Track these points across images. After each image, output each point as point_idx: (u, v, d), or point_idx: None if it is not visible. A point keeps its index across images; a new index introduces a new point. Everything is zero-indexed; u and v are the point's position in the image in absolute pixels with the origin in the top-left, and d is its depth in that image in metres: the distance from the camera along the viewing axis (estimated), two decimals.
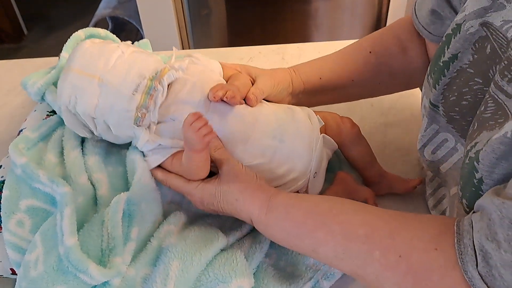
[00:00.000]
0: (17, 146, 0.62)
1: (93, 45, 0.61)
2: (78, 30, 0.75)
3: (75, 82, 0.59)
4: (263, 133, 0.61)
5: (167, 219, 0.60)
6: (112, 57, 0.59)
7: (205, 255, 0.55)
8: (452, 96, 0.54)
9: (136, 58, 0.61)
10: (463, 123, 0.54)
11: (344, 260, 0.48)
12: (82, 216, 0.58)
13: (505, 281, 0.38)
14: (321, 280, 0.58)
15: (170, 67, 0.61)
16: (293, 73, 0.70)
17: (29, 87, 0.71)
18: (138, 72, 0.59)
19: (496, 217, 0.39)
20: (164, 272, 0.53)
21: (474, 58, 0.51)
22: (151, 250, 0.57)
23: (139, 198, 0.58)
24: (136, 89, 0.58)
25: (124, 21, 2.13)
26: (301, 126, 0.64)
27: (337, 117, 0.69)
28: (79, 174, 0.61)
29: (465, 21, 0.51)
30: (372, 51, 0.71)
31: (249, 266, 0.57)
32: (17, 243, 0.57)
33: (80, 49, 0.61)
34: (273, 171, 0.61)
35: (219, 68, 0.68)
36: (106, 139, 0.63)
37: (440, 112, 0.57)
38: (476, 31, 0.50)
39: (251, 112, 0.62)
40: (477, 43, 0.50)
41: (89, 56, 0.60)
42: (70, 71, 0.60)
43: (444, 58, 0.54)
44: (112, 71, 0.59)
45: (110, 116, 0.59)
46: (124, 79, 0.58)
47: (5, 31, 2.61)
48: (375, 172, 0.70)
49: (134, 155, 0.62)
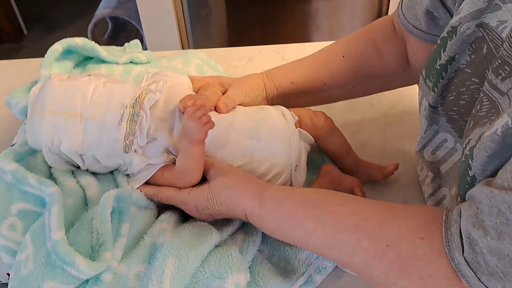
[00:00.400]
0: (7, 156, 0.62)
1: (63, 82, 0.61)
2: (55, 43, 0.74)
3: (55, 123, 0.58)
4: (239, 135, 0.63)
5: (159, 218, 0.60)
6: (88, 91, 0.59)
7: (200, 251, 0.55)
8: (451, 96, 0.55)
9: (113, 88, 0.61)
10: (461, 123, 0.55)
11: (333, 249, 0.49)
12: (73, 217, 0.58)
13: (490, 267, 0.40)
14: (314, 274, 0.59)
15: (147, 91, 0.62)
16: (265, 78, 0.71)
17: (13, 106, 0.72)
18: (118, 101, 0.59)
19: (485, 205, 0.40)
20: (160, 269, 0.54)
21: (471, 58, 0.52)
22: (144, 247, 0.57)
23: (129, 195, 0.59)
24: (121, 119, 0.59)
25: (124, 21, 2.13)
26: (275, 123, 0.66)
27: (311, 112, 0.72)
28: (66, 179, 0.61)
29: (461, 23, 0.51)
30: (345, 55, 0.72)
31: (244, 260, 0.58)
32: (10, 246, 0.57)
33: (49, 88, 0.60)
34: (255, 171, 0.63)
35: (188, 81, 0.69)
36: (93, 171, 0.63)
37: (439, 112, 0.57)
38: (473, 32, 0.51)
39: (225, 117, 0.64)
40: (473, 43, 0.51)
41: (63, 94, 0.59)
42: (45, 113, 0.59)
43: (440, 61, 0.55)
44: (93, 105, 0.59)
45: (98, 149, 0.59)
46: (106, 111, 0.59)
47: (5, 31, 2.61)
48: (351, 161, 0.72)
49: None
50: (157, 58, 0.86)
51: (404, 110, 0.88)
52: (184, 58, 0.87)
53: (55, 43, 0.75)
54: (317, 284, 0.59)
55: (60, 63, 0.77)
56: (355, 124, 0.85)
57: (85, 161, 0.61)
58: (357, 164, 0.72)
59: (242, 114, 0.66)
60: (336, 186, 0.67)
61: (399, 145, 0.80)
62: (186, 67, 0.86)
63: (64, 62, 0.78)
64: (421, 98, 0.63)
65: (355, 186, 0.67)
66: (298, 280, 0.58)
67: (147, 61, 0.84)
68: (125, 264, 0.55)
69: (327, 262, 0.59)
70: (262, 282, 0.57)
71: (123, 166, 0.62)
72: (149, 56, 0.84)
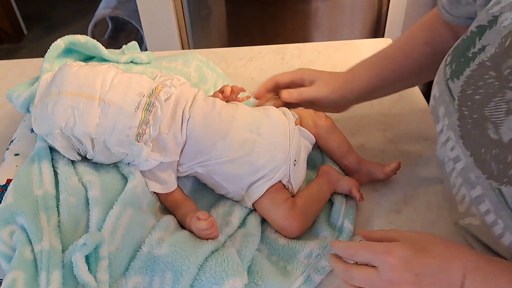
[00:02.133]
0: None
1: (82, 67, 0.63)
2: (57, 39, 0.75)
3: (72, 104, 0.59)
4: (240, 128, 0.65)
5: (158, 225, 0.60)
6: (108, 77, 0.61)
7: (193, 261, 0.55)
8: (469, 90, 0.52)
9: (131, 77, 0.63)
10: (469, 120, 0.53)
11: None
12: (74, 217, 0.59)
13: None
14: (313, 274, 0.59)
15: (163, 85, 0.64)
16: (350, 77, 0.74)
17: (14, 99, 0.72)
18: (136, 90, 0.62)
19: None
20: (160, 285, 0.55)
21: (495, 51, 0.49)
22: (141, 258, 0.57)
23: (128, 204, 0.59)
24: (138, 106, 0.61)
25: (124, 21, 2.13)
26: (276, 120, 0.68)
27: (311, 111, 0.73)
28: (69, 176, 0.62)
29: (501, 13, 0.49)
30: (425, 42, 0.72)
31: (244, 260, 0.58)
32: (6, 252, 0.57)
33: (68, 72, 0.62)
34: (254, 163, 0.64)
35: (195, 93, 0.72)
36: (97, 161, 0.64)
37: (455, 106, 0.55)
38: (509, 24, 0.48)
39: (228, 111, 0.66)
40: (504, 38, 0.49)
41: (83, 78, 0.61)
42: (62, 94, 0.60)
43: (474, 49, 0.52)
44: (112, 90, 0.60)
45: (112, 135, 0.60)
46: (124, 97, 0.61)
47: (5, 31, 2.61)
48: (353, 160, 0.72)
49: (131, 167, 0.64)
50: (157, 58, 0.86)
51: (404, 110, 0.88)
52: (184, 60, 0.87)
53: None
54: (316, 284, 0.59)
55: (61, 61, 0.77)
56: (355, 124, 0.85)
57: (95, 146, 0.61)
58: (359, 163, 0.72)
59: (244, 111, 0.68)
60: (334, 187, 0.68)
61: (399, 145, 0.80)
62: (186, 68, 0.86)
63: (64, 60, 0.78)
64: (435, 91, 0.59)
65: (353, 187, 0.68)
66: (297, 280, 0.58)
67: (147, 61, 0.84)
68: (123, 277, 0.56)
69: (326, 262, 0.60)
70: (262, 281, 0.57)
71: (130, 156, 0.63)
72: (150, 57, 0.84)
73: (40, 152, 0.64)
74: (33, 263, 0.55)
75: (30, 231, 0.56)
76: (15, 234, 0.57)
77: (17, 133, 0.75)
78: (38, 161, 0.64)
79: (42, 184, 0.61)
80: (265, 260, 0.60)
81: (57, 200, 0.61)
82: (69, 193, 0.60)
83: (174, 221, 0.63)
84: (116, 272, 0.56)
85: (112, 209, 0.59)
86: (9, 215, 0.58)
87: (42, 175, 0.62)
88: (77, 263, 0.53)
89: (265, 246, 0.62)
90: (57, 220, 0.59)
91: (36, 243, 0.55)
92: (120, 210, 0.59)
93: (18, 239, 0.56)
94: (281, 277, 0.58)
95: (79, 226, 0.59)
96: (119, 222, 0.58)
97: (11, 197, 0.60)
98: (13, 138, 0.75)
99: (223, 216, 0.64)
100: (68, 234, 0.58)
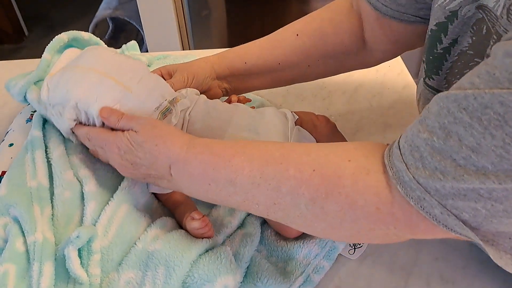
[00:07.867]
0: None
1: (119, 55, 0.65)
2: (61, 33, 0.76)
3: (101, 82, 0.60)
4: (238, 127, 0.65)
5: (154, 223, 0.60)
6: (139, 71, 0.63)
7: (186, 257, 0.55)
8: (455, 80, 0.55)
9: (159, 79, 0.65)
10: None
11: (260, 185, 0.48)
12: (69, 211, 0.59)
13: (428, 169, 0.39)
14: (312, 274, 0.59)
15: (181, 97, 0.66)
16: (215, 59, 0.73)
17: (11, 88, 0.72)
18: (161, 92, 0.63)
19: (434, 107, 0.40)
20: (153, 280, 0.54)
21: (473, 40, 0.52)
22: (135, 253, 0.57)
23: (124, 201, 0.60)
24: (158, 107, 0.62)
25: (124, 22, 2.13)
26: (274, 119, 0.68)
27: (313, 115, 0.73)
28: (64, 170, 0.62)
29: (461, 7, 0.52)
30: (299, 34, 0.72)
31: (242, 260, 0.58)
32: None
33: (103, 53, 0.65)
34: None
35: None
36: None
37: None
38: (473, 15, 0.51)
39: (226, 112, 0.66)
40: (474, 25, 0.51)
41: (117, 64, 0.63)
42: (92, 71, 0.61)
43: (442, 45, 0.55)
44: (140, 84, 0.62)
45: None
46: (149, 94, 0.62)
47: (6, 31, 2.62)
48: None
49: None
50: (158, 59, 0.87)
51: (404, 110, 0.88)
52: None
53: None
54: (316, 284, 0.59)
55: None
56: (354, 124, 0.85)
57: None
58: None
59: (243, 111, 0.68)
60: None
61: None
62: None
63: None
64: (419, 93, 0.63)
65: None
66: (297, 280, 0.58)
67: (148, 63, 0.84)
68: (115, 272, 0.55)
69: (324, 262, 0.59)
70: (261, 282, 0.57)
71: None
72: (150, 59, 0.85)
73: (34, 141, 0.64)
74: (25, 255, 0.54)
75: (24, 222, 0.56)
76: (8, 226, 0.57)
77: (13, 124, 0.75)
78: (32, 151, 0.64)
79: (36, 175, 0.61)
80: (264, 260, 0.60)
81: (51, 193, 0.61)
82: (63, 187, 0.60)
83: (171, 221, 0.63)
84: (108, 266, 0.56)
85: (108, 204, 0.59)
86: (3, 207, 0.58)
87: (36, 166, 0.62)
88: (70, 256, 0.53)
89: (264, 247, 0.62)
90: (50, 212, 0.59)
91: (30, 234, 0.55)
92: (116, 205, 0.59)
93: (10, 231, 0.56)
94: (281, 277, 0.58)
95: (72, 220, 0.59)
96: (114, 217, 0.58)
97: (5, 189, 0.59)
98: (9, 129, 0.75)
99: (223, 217, 0.64)
100: (60, 228, 0.58)
